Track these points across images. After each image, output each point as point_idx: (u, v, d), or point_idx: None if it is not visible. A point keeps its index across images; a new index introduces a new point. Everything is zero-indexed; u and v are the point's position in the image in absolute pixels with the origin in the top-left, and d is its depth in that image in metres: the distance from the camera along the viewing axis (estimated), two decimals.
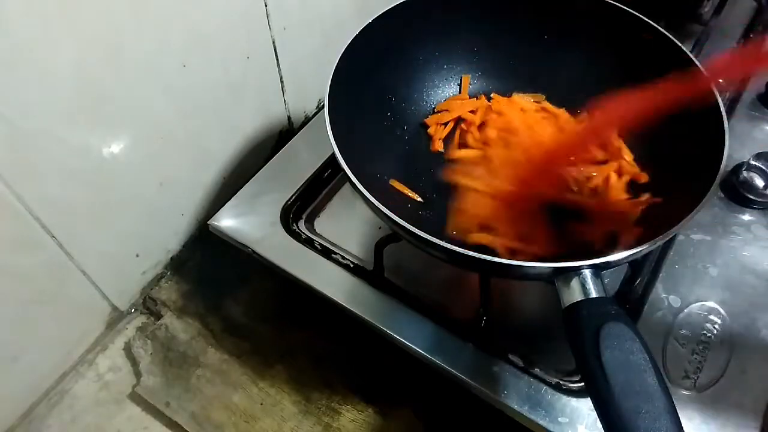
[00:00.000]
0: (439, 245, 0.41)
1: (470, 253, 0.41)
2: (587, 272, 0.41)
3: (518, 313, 0.55)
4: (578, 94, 0.60)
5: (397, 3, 0.56)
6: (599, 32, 0.58)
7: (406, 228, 0.42)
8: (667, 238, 0.42)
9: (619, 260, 0.42)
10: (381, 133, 0.58)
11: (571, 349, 0.40)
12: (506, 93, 0.63)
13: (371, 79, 0.56)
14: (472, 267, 0.47)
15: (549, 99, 0.62)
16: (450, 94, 0.64)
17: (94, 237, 0.54)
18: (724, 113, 0.48)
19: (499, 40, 0.62)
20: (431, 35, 0.61)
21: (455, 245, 0.41)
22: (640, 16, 0.56)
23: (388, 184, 0.56)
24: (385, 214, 0.43)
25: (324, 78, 0.50)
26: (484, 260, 0.41)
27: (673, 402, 0.36)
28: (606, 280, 0.55)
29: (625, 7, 0.56)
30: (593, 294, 0.40)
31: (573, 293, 0.40)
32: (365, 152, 0.56)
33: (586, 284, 0.40)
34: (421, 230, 0.42)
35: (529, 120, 0.59)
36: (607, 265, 0.42)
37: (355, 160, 0.46)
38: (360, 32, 0.53)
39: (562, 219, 0.53)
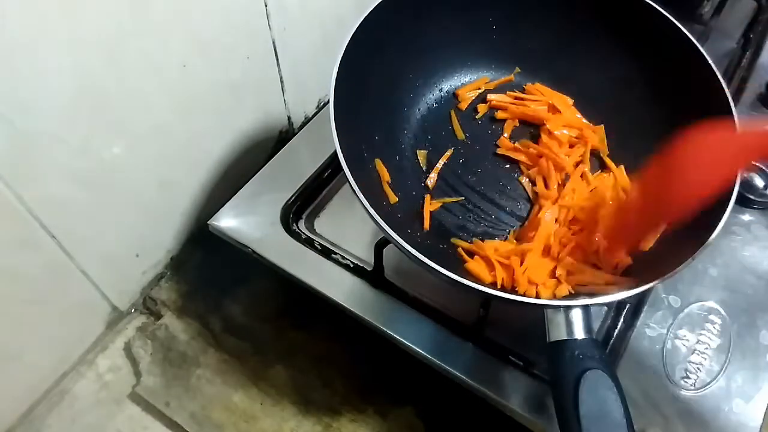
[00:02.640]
0: (433, 268, 0.42)
1: (466, 282, 0.41)
2: (576, 310, 0.41)
3: (518, 313, 0.55)
4: (592, 83, 0.60)
5: None
6: (613, 25, 0.57)
7: (402, 246, 0.42)
8: (663, 281, 0.42)
9: (611, 301, 0.43)
10: (385, 131, 0.58)
11: (551, 388, 0.41)
12: (522, 80, 0.62)
13: (376, 70, 0.55)
14: (466, 291, 0.48)
15: (564, 86, 0.61)
16: (460, 83, 0.62)
17: (94, 237, 0.54)
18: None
19: (509, 32, 0.61)
20: (437, 25, 0.59)
21: (450, 271, 0.42)
22: (656, 6, 0.54)
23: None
24: (383, 228, 0.43)
25: (324, 78, 0.50)
26: (478, 291, 0.41)
27: None
28: None
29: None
30: (578, 335, 0.41)
31: (559, 329, 0.41)
32: (367, 152, 0.55)
33: (572, 322, 0.41)
34: (420, 253, 0.42)
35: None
36: (598, 305, 0.42)
37: (355, 160, 0.46)
38: (362, 21, 0.51)
39: None
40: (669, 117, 0.53)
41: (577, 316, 0.41)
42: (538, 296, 0.46)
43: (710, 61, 0.52)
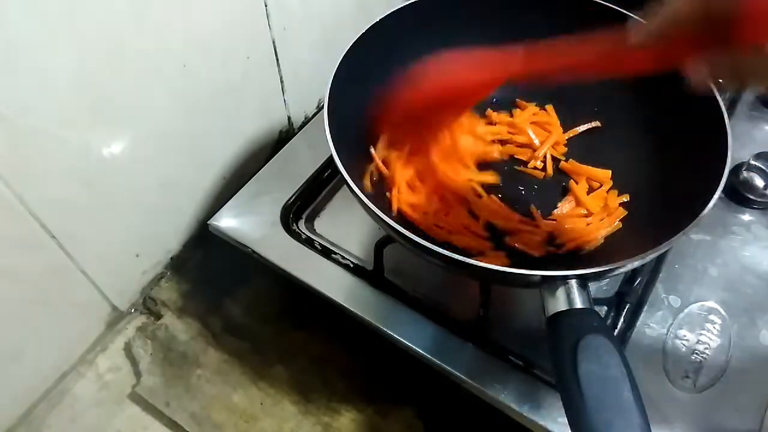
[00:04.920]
0: (431, 249, 0.41)
1: (461, 258, 0.41)
2: (573, 282, 0.41)
3: (518, 313, 0.55)
4: (583, 97, 0.61)
5: (402, 5, 0.56)
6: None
7: (401, 232, 0.42)
8: (660, 252, 0.42)
9: (607, 273, 0.42)
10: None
11: (550, 358, 0.40)
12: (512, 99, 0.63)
13: (373, 81, 0.56)
14: (462, 271, 0.47)
15: (556, 106, 0.63)
16: None
17: (94, 237, 0.54)
18: (726, 120, 0.47)
19: (506, 44, 0.61)
20: (437, 38, 0.59)
21: (448, 250, 0.41)
22: (640, 19, 0.55)
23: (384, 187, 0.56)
24: (381, 218, 0.43)
25: (324, 78, 0.50)
26: (474, 266, 0.41)
27: (647, 419, 0.36)
28: (605, 281, 0.56)
29: (627, 11, 0.56)
30: (577, 305, 0.40)
31: (557, 302, 0.40)
32: (364, 154, 0.56)
33: (571, 294, 0.40)
34: (415, 235, 0.42)
35: None
36: (596, 277, 0.42)
37: (354, 161, 0.46)
38: (362, 35, 0.53)
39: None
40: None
41: (574, 286, 0.41)
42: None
43: None
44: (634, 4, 0.57)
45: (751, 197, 0.60)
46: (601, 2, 0.57)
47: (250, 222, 0.59)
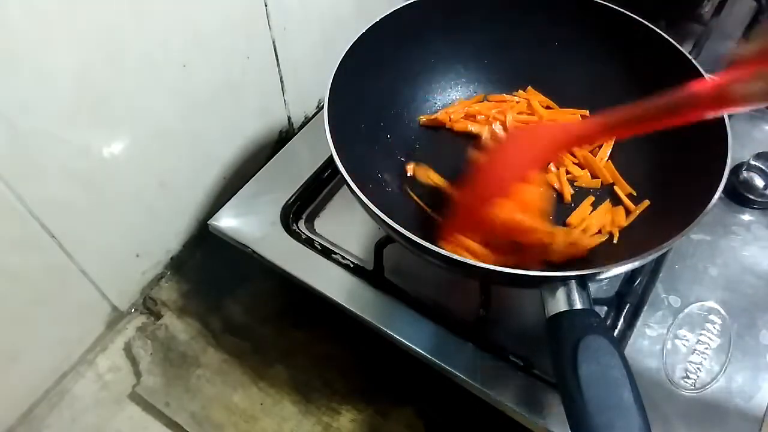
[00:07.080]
0: (431, 250, 0.41)
1: (462, 258, 0.41)
2: (573, 283, 0.41)
3: (518, 313, 0.55)
4: (584, 98, 0.61)
5: (402, 5, 0.56)
6: (603, 37, 0.58)
7: (401, 232, 0.42)
8: (661, 253, 0.42)
9: (607, 274, 0.42)
10: (381, 135, 0.58)
11: (551, 359, 0.40)
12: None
13: (373, 81, 0.56)
14: (462, 272, 0.47)
15: (556, 102, 0.63)
16: (455, 97, 0.64)
17: (94, 237, 0.54)
18: (726, 120, 0.47)
19: (507, 44, 0.62)
20: (437, 38, 0.61)
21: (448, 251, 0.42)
22: (641, 19, 0.56)
23: (385, 187, 0.56)
24: (381, 218, 0.43)
25: (324, 78, 0.50)
26: (475, 266, 0.41)
27: (647, 420, 0.36)
28: (605, 281, 0.56)
29: (627, 12, 0.56)
30: (577, 305, 0.40)
31: (557, 303, 0.41)
32: (364, 154, 0.56)
33: (571, 295, 0.40)
34: (415, 235, 0.42)
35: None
36: (596, 277, 0.42)
37: (354, 161, 0.46)
38: (362, 35, 0.53)
39: None
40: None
41: (574, 287, 0.41)
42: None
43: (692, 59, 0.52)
44: (634, 4, 0.57)
45: (751, 197, 0.60)
46: (602, 2, 0.57)
47: (250, 222, 0.59)
